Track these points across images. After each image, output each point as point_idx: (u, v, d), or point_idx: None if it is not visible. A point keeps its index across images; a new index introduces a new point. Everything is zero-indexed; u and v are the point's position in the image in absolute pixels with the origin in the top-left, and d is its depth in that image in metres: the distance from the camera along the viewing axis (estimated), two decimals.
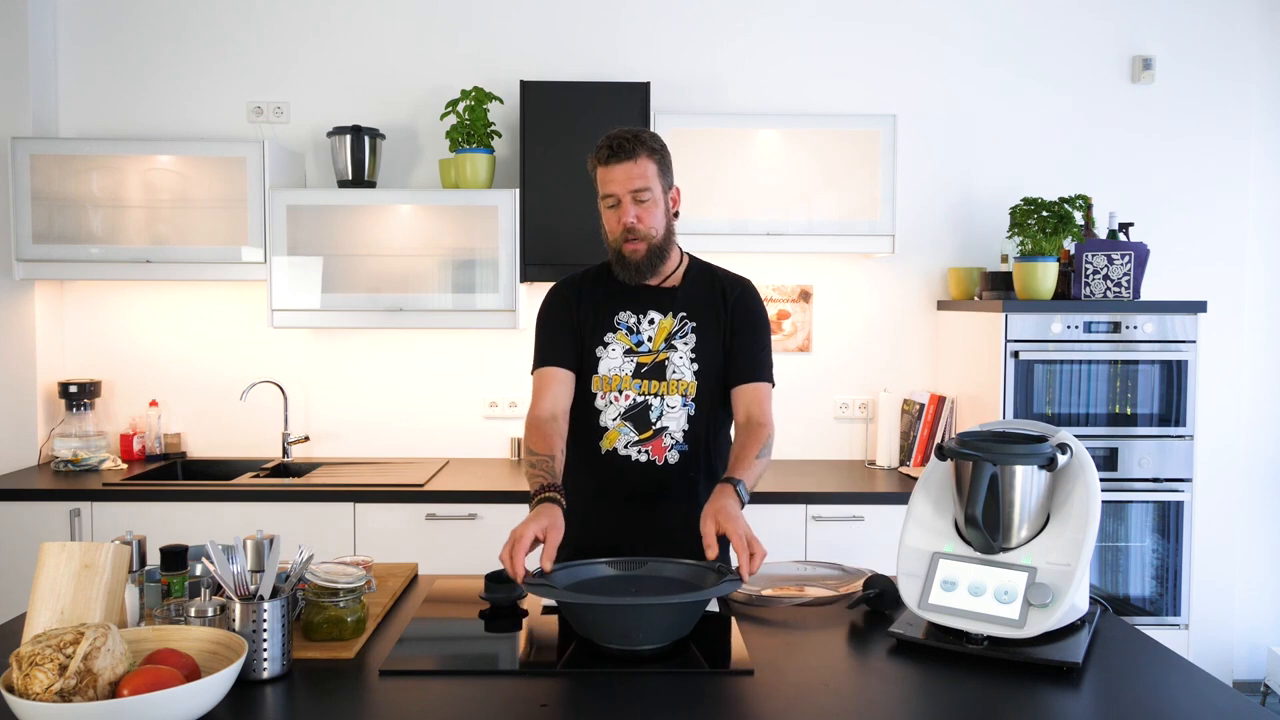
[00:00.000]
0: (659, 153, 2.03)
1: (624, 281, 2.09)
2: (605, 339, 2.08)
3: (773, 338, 3.60)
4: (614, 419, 2.06)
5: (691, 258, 2.18)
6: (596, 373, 2.08)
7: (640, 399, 2.05)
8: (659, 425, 2.05)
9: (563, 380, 2.08)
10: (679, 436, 2.06)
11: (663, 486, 2.06)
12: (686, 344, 2.07)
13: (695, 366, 2.07)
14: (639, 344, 2.08)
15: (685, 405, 2.06)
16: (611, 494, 2.08)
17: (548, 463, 1.93)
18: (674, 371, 2.06)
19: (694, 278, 2.14)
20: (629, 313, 2.09)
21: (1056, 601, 1.57)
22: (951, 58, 3.65)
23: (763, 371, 2.10)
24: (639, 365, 2.07)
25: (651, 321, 2.09)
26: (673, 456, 2.06)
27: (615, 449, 2.06)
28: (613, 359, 2.07)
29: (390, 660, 1.59)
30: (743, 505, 1.85)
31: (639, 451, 2.06)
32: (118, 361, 3.64)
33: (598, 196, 2.06)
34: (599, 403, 2.08)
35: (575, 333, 2.11)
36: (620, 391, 2.06)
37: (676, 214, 2.10)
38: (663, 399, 2.05)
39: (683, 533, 1.99)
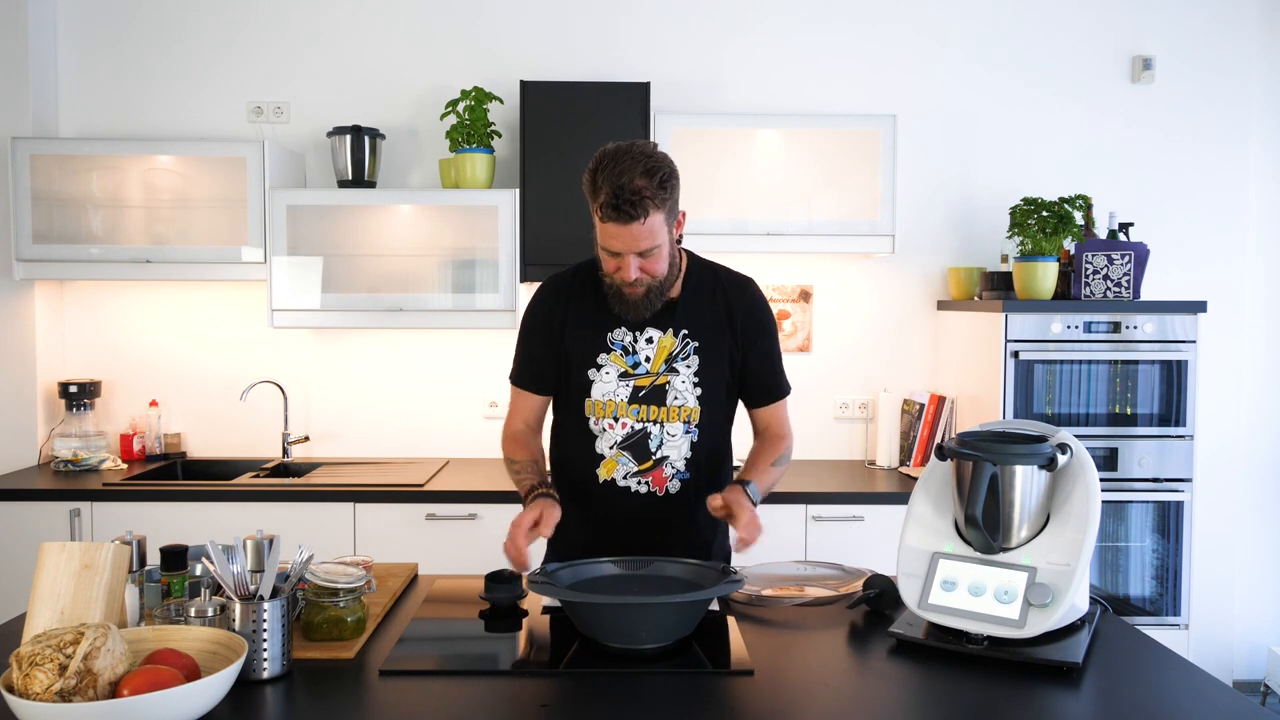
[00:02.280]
0: (668, 199, 1.78)
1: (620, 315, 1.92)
2: (598, 360, 1.94)
3: None
4: (610, 447, 1.95)
5: (691, 258, 2.02)
6: (589, 396, 1.94)
7: (639, 426, 1.93)
8: (659, 455, 1.94)
9: (535, 404, 2.04)
10: (680, 465, 1.95)
11: (662, 517, 1.97)
12: (689, 366, 1.93)
13: (699, 391, 1.93)
14: (635, 365, 1.93)
15: (688, 433, 1.94)
16: (610, 524, 1.98)
17: (531, 466, 1.96)
18: (675, 397, 1.92)
19: (695, 285, 1.97)
20: (623, 330, 1.94)
21: (1056, 601, 1.57)
22: (951, 58, 3.65)
23: (781, 389, 2.06)
24: (636, 389, 1.92)
25: (650, 340, 1.93)
26: (674, 486, 1.96)
27: (614, 479, 1.95)
28: (607, 383, 1.93)
29: (390, 660, 1.59)
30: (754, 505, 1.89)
31: (639, 483, 1.95)
32: (118, 361, 3.64)
33: (594, 228, 1.84)
34: (594, 427, 1.95)
35: (555, 351, 1.97)
36: (616, 419, 1.93)
37: (680, 239, 1.91)
38: (663, 426, 1.93)
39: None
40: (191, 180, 3.35)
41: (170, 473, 3.50)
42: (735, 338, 1.97)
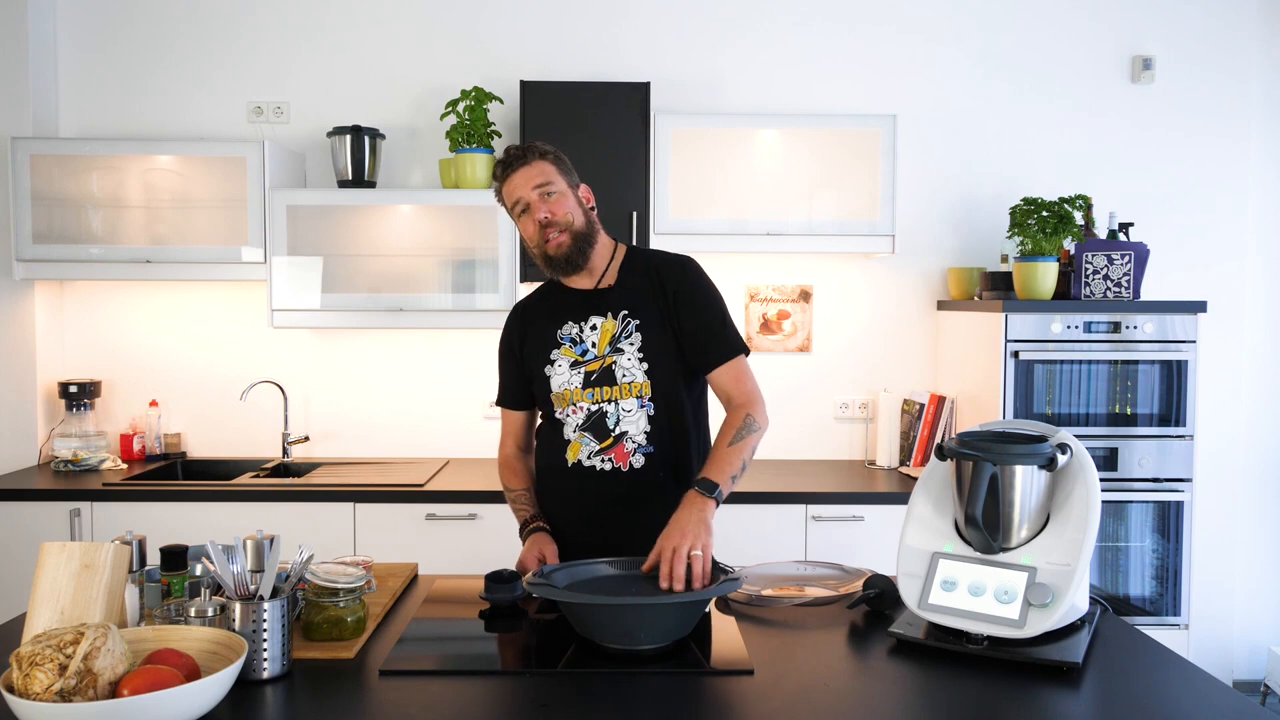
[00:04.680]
0: (555, 156, 2.04)
1: (561, 281, 2.09)
2: (551, 356, 2.07)
3: (772, 338, 3.66)
4: (574, 431, 2.05)
5: (629, 248, 2.14)
6: (551, 391, 2.07)
7: (595, 408, 2.03)
8: (618, 431, 2.02)
9: (517, 420, 2.21)
10: (641, 440, 2.02)
11: (630, 492, 2.02)
12: (633, 344, 2.03)
13: (645, 366, 2.02)
14: (584, 354, 2.05)
15: (643, 407, 2.02)
16: (581, 504, 2.06)
17: (524, 495, 2.15)
18: (624, 375, 2.02)
19: (629, 269, 2.09)
20: (570, 323, 2.07)
21: (1056, 601, 1.57)
22: (951, 58, 3.65)
23: (730, 347, 2.04)
24: (587, 375, 2.03)
25: (594, 327, 2.05)
26: (637, 460, 2.02)
27: (580, 461, 2.04)
28: (560, 374, 2.05)
29: (390, 660, 1.59)
30: (718, 504, 1.86)
31: (602, 460, 2.03)
32: (118, 361, 3.64)
33: (512, 219, 2.06)
34: (559, 416, 2.08)
35: (520, 367, 2.14)
36: (574, 404, 2.04)
37: (594, 208, 2.09)
38: (617, 404, 2.02)
39: (654, 535, 1.94)
40: (191, 180, 3.35)
41: (170, 473, 3.50)
42: (668, 305, 2.04)
